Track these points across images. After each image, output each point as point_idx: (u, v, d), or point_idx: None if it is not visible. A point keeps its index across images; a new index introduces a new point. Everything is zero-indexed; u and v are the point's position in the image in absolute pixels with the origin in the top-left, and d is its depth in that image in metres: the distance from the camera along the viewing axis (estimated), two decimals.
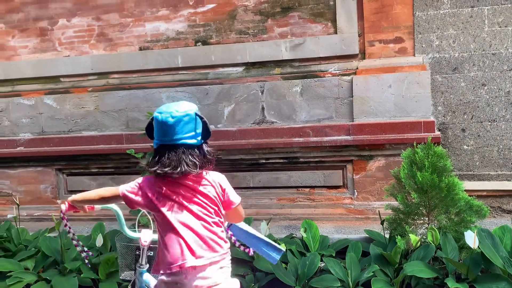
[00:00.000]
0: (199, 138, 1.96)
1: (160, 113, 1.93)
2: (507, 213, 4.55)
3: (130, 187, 2.01)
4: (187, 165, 1.90)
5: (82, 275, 3.52)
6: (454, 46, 4.63)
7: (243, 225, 2.33)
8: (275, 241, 3.78)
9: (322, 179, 4.71)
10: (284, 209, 4.77)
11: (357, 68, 4.68)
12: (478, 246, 3.14)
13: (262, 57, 4.88)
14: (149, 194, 1.97)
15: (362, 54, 4.74)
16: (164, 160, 1.90)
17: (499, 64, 4.55)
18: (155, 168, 1.92)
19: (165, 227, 1.95)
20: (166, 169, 1.89)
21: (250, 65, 4.97)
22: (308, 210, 4.70)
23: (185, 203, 1.94)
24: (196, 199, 1.95)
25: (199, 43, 5.11)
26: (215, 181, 2.00)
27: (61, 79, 5.44)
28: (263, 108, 4.87)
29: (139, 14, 5.23)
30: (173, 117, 1.90)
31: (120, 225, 2.53)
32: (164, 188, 1.95)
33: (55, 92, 5.39)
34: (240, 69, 5.00)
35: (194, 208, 1.94)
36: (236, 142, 4.73)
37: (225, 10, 5.00)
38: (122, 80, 5.28)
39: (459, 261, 3.39)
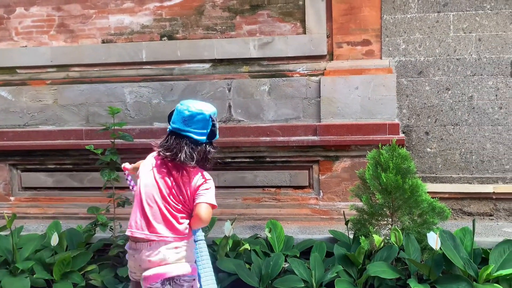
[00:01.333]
0: (205, 137, 2.23)
1: (182, 104, 2.26)
2: (468, 215, 4.70)
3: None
4: (186, 155, 2.18)
5: (35, 275, 3.38)
6: (420, 50, 4.75)
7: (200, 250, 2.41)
8: (239, 241, 3.78)
9: (288, 179, 4.72)
10: (249, 209, 4.75)
11: (325, 69, 4.72)
12: (440, 248, 3.23)
13: (230, 54, 4.85)
14: (141, 166, 2.36)
15: (330, 55, 4.79)
16: (169, 145, 2.22)
17: (463, 69, 4.70)
18: (159, 150, 2.25)
19: (136, 198, 2.28)
20: (167, 154, 2.21)
21: (217, 62, 4.93)
22: (273, 210, 4.70)
23: (161, 185, 2.22)
24: (171, 186, 2.22)
25: (165, 38, 5.02)
26: (198, 181, 2.23)
27: (18, 70, 5.23)
28: (230, 106, 4.83)
29: (102, 6, 5.09)
30: (188, 111, 2.21)
31: None
32: (155, 167, 2.27)
33: (11, 84, 5.17)
34: (207, 65, 4.95)
35: (166, 192, 2.22)
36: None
37: (192, 5, 4.94)
38: (83, 73, 5.13)
39: (421, 262, 3.47)
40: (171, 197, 2.23)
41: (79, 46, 5.12)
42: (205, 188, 2.25)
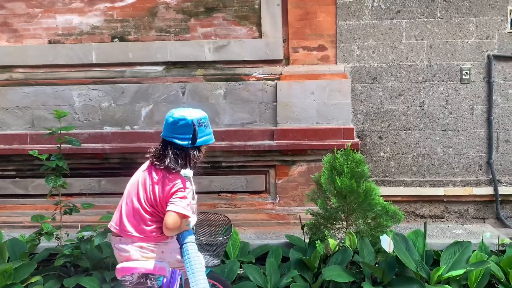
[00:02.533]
0: (188, 141, 2.34)
1: (170, 112, 2.39)
2: (420, 217, 4.87)
3: None
4: (170, 160, 2.32)
5: None
6: (373, 56, 4.90)
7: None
8: None
9: (244, 184, 4.72)
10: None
11: (281, 74, 4.77)
12: (393, 250, 3.32)
13: (184, 57, 4.81)
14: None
15: (287, 60, 4.84)
16: (157, 152, 2.39)
17: (415, 75, 4.88)
18: (148, 156, 2.42)
19: (123, 195, 2.45)
20: (155, 161, 2.37)
21: (171, 65, 4.87)
22: (229, 216, 4.64)
23: (140, 187, 2.37)
24: (148, 189, 2.35)
25: (116, 39, 4.92)
26: (174, 188, 2.31)
27: None
28: None
29: (49, 5, 4.92)
30: (172, 118, 2.35)
31: None
32: (145, 169, 2.42)
33: None
34: (160, 68, 4.88)
35: (142, 194, 2.36)
36: (154, 145, 4.58)
37: (145, 6, 4.87)
38: (28, 75, 4.93)
39: (375, 264, 3.55)
40: (145, 199, 2.35)
41: (23, 47, 4.92)
42: (179, 197, 2.30)
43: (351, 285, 3.48)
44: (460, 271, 3.25)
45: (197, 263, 2.34)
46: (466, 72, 4.83)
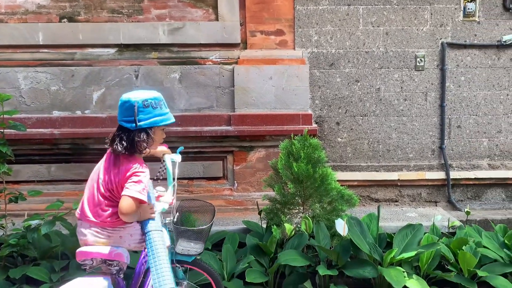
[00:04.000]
0: (133, 124, 2.32)
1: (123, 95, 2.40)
2: (375, 201, 5.02)
3: None
4: (117, 144, 2.35)
5: None
6: (331, 42, 4.96)
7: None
8: None
9: (201, 170, 4.70)
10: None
11: (239, 58, 4.75)
12: (347, 234, 3.40)
13: (138, 39, 4.69)
14: None
15: (244, 44, 4.82)
16: (112, 136, 2.43)
17: (371, 62, 4.99)
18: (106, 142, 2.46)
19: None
20: (107, 145, 2.44)
21: (123, 47, 4.74)
22: None
23: (100, 172, 2.41)
24: (106, 173, 2.39)
25: (65, 20, 4.73)
26: (130, 172, 2.31)
27: None
28: None
29: None
30: (120, 101, 2.37)
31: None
32: (107, 156, 2.47)
33: None
34: (112, 50, 4.74)
35: (101, 178, 2.39)
36: (106, 130, 4.44)
37: None
38: None
39: (330, 248, 3.63)
40: (103, 184, 2.39)
41: None
42: (133, 181, 2.30)
43: (307, 268, 3.55)
44: (412, 253, 3.37)
45: (161, 253, 2.31)
46: (420, 59, 4.97)
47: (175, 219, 2.81)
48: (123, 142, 2.34)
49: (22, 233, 3.47)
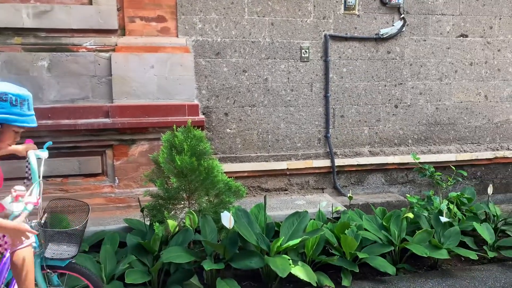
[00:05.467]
0: None
1: None
2: (266, 191, 5.05)
3: None
4: None
5: None
6: (216, 30, 4.87)
7: None
8: None
9: (77, 167, 4.33)
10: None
11: (116, 45, 4.46)
12: (234, 225, 3.34)
13: None
14: None
15: (122, 30, 4.54)
16: None
17: (258, 52, 4.99)
18: None
19: None
20: None
21: None
22: None
23: None
24: None
25: None
26: None
27: None
28: None
29: None
30: None
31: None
32: None
33: None
34: None
35: None
36: None
37: None
38: None
39: (218, 241, 3.55)
40: None
41: None
42: None
43: (194, 264, 3.43)
44: (296, 241, 3.41)
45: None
46: (305, 51, 5.09)
47: (42, 221, 2.55)
48: None
49: None
